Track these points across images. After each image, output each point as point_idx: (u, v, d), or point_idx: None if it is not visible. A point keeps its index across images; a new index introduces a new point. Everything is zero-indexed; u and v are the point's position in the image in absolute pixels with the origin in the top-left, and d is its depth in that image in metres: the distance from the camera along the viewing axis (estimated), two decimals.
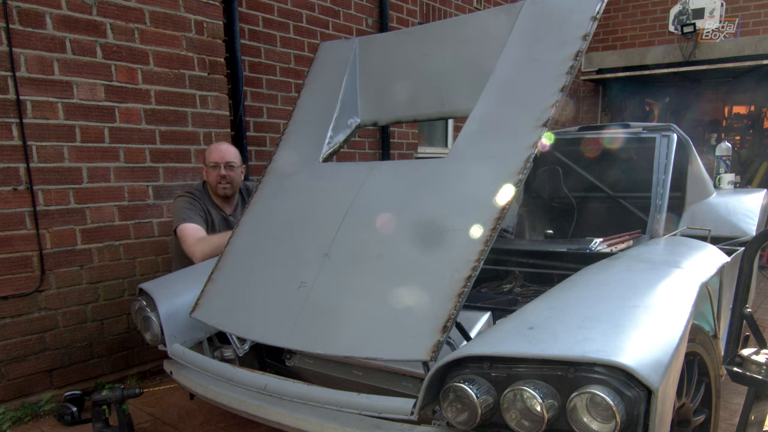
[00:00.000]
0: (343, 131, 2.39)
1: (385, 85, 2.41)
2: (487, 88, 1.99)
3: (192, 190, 3.14)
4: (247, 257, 2.20)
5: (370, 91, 2.44)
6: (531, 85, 1.90)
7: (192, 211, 3.00)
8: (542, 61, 1.92)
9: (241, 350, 2.19)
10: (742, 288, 1.77)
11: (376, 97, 2.43)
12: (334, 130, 2.35)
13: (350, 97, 2.43)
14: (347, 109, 2.42)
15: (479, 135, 1.92)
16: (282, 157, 2.42)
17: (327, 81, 2.50)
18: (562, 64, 1.85)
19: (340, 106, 2.38)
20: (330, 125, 2.34)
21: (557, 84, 1.82)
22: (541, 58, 1.92)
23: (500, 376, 1.37)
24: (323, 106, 2.42)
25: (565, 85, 1.80)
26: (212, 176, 3.09)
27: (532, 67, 1.94)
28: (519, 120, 1.85)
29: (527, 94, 1.89)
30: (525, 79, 1.94)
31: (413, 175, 2.00)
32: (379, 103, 2.43)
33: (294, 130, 2.47)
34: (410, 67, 2.33)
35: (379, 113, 2.45)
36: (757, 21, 7.48)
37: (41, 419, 2.83)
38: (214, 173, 3.08)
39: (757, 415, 1.63)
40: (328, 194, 2.13)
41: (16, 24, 2.72)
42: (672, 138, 2.84)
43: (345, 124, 2.41)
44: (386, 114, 2.44)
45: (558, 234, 3.44)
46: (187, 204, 3.03)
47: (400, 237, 1.83)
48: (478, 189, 1.77)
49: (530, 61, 1.95)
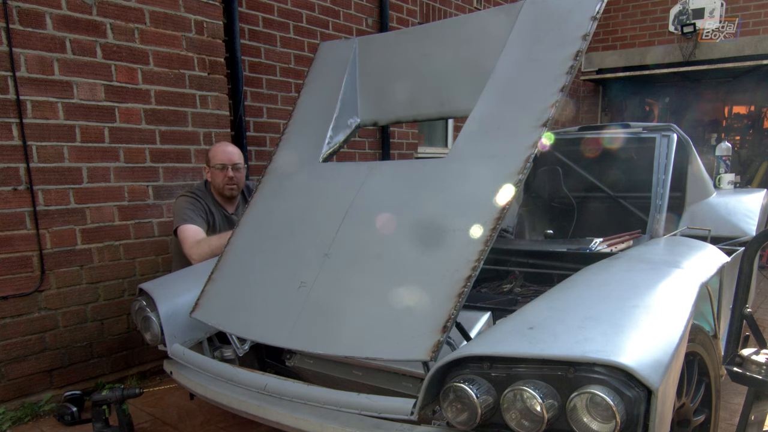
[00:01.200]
0: (343, 131, 2.40)
1: (385, 85, 2.41)
2: (487, 88, 1.99)
3: (194, 189, 3.13)
4: (246, 257, 2.20)
5: (370, 91, 2.45)
6: (531, 85, 1.90)
7: (193, 212, 2.99)
8: (542, 61, 1.92)
9: (241, 350, 2.19)
10: (742, 288, 1.77)
11: (376, 97, 2.44)
12: (334, 130, 2.35)
13: (350, 97, 2.44)
14: (347, 109, 2.42)
15: (479, 135, 1.92)
16: (282, 157, 2.42)
17: (327, 81, 2.50)
18: (562, 64, 1.85)
19: (340, 106, 2.38)
20: (330, 125, 2.34)
21: (557, 84, 1.82)
22: (541, 57, 1.93)
23: (500, 376, 1.37)
24: (323, 106, 2.43)
25: (565, 85, 1.81)
26: (219, 178, 3.08)
27: (532, 67, 1.94)
28: (519, 120, 1.85)
29: (527, 94, 1.90)
30: (525, 79, 1.94)
31: (413, 175, 2.01)
32: (379, 103, 2.44)
33: (294, 130, 2.48)
34: (410, 67, 2.33)
35: (379, 113, 2.45)
36: (757, 21, 7.48)
37: (41, 419, 2.83)
38: (221, 175, 3.07)
39: (757, 415, 1.63)
40: (328, 194, 2.14)
41: (16, 24, 2.72)
42: (672, 138, 2.84)
43: (345, 124, 2.41)
44: (386, 114, 2.45)
45: (558, 234, 3.44)
46: (188, 204, 3.02)
47: (400, 237, 1.83)
48: (478, 189, 1.78)
49: (530, 61, 1.95)
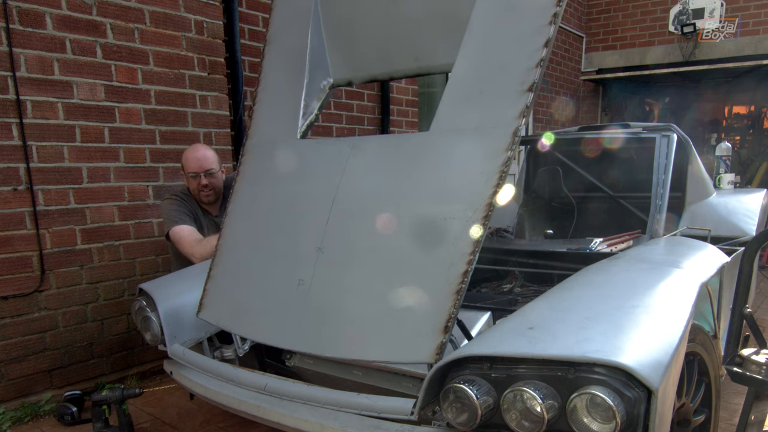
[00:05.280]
0: (317, 96, 2.24)
1: (353, 39, 2.21)
2: (465, 43, 1.81)
3: (177, 192, 3.11)
4: (241, 252, 2.17)
5: (338, 47, 2.25)
6: (511, 40, 1.72)
7: (182, 213, 2.97)
8: (521, 8, 1.73)
9: (242, 350, 2.19)
10: (742, 288, 1.77)
11: (346, 54, 2.24)
12: (307, 97, 2.19)
13: (318, 55, 2.24)
14: (317, 69, 2.23)
15: (462, 102, 1.79)
16: (258, 133, 2.29)
17: (291, 38, 2.29)
18: (544, 11, 1.65)
19: (309, 68, 2.19)
20: (302, 92, 2.17)
21: (540, 38, 1.64)
22: (520, 4, 1.73)
23: (500, 376, 1.37)
24: (291, 68, 2.24)
25: (549, 39, 1.62)
26: (193, 185, 3.03)
27: (510, 17, 1.75)
28: (502, 82, 1.70)
29: (508, 50, 1.72)
30: (504, 31, 1.76)
31: (397, 153, 1.89)
32: (350, 59, 2.24)
33: (265, 99, 2.31)
34: (378, 16, 2.12)
35: (351, 71, 2.26)
36: (757, 21, 7.48)
37: (41, 419, 2.83)
38: (194, 183, 3.02)
39: (757, 415, 1.63)
40: (311, 178, 2.04)
41: (16, 24, 2.72)
42: (672, 138, 2.84)
43: (318, 87, 2.24)
44: (360, 71, 2.25)
45: (558, 234, 3.44)
46: (175, 206, 3.00)
47: (391, 228, 1.78)
48: (466, 170, 1.68)
49: (508, 9, 1.76)
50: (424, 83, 5.95)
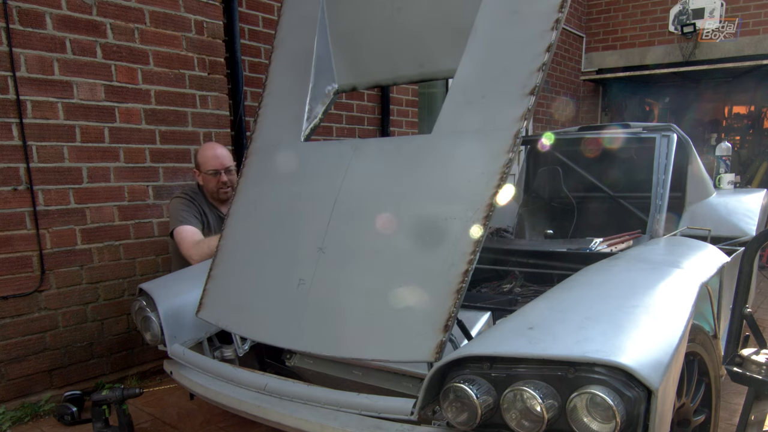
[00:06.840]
0: (321, 101, 2.27)
1: (358, 45, 2.25)
2: (468, 47, 1.84)
3: (187, 191, 3.13)
4: (242, 251, 2.18)
5: (344, 53, 2.28)
6: (514, 44, 1.75)
7: (188, 213, 2.99)
8: (524, 13, 1.75)
9: (242, 350, 2.19)
10: (742, 288, 1.77)
11: (351, 59, 2.27)
12: (312, 101, 2.22)
13: (324, 61, 2.27)
14: (322, 74, 2.27)
15: (464, 106, 1.81)
16: (263, 136, 2.32)
17: (297, 43, 2.32)
18: (547, 17, 1.68)
19: (314, 72, 2.24)
20: (307, 96, 2.21)
21: (542, 42, 1.67)
22: (523, 9, 1.76)
23: (500, 376, 1.37)
24: (297, 73, 2.27)
25: (551, 44, 1.65)
26: (212, 183, 3.06)
27: (513, 21, 1.77)
28: (504, 86, 1.72)
29: (511, 54, 1.75)
30: (507, 36, 1.78)
31: (399, 155, 1.91)
32: (354, 65, 2.28)
33: (270, 103, 2.35)
34: (382, 23, 2.14)
35: (356, 76, 2.29)
36: (757, 21, 7.48)
37: (41, 419, 2.83)
38: (214, 180, 3.05)
39: (757, 415, 1.63)
40: (314, 179, 2.06)
41: (16, 24, 2.72)
42: (672, 138, 2.84)
43: (322, 92, 2.28)
44: (364, 77, 2.29)
45: (558, 234, 3.44)
46: (183, 206, 3.01)
47: (392, 228, 1.79)
48: (468, 171, 1.70)
49: (511, 14, 1.78)
50: (424, 84, 5.96)
